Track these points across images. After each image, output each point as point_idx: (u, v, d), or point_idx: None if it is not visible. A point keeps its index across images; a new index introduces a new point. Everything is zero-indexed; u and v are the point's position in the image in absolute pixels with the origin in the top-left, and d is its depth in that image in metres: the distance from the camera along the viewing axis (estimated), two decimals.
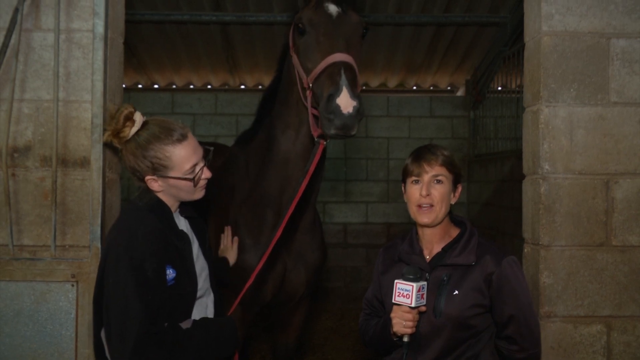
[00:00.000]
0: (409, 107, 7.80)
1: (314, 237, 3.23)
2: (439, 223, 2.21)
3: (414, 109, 7.79)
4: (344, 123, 2.30)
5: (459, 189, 2.23)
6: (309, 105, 2.58)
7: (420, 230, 2.26)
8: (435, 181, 2.18)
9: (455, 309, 2.09)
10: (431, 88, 8.42)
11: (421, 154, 2.22)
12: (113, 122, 2.12)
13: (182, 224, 2.24)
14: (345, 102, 2.29)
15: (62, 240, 2.41)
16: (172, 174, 2.08)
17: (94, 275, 2.32)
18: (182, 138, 2.09)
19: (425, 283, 2.08)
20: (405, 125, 7.78)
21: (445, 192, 2.18)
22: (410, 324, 2.08)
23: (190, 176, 2.09)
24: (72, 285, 2.35)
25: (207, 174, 2.16)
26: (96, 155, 2.35)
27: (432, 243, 2.23)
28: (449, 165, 2.20)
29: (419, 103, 7.82)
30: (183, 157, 2.07)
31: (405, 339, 2.12)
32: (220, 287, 2.45)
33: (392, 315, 2.11)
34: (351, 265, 7.52)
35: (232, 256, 2.96)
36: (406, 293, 2.03)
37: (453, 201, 2.21)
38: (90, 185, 2.37)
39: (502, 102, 6.87)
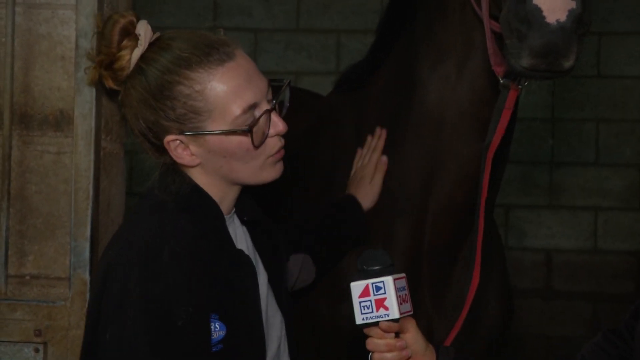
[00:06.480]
0: None
1: (488, 273, 3.24)
2: None
3: None
4: (548, 42, 2.29)
5: None
6: (484, 13, 2.60)
7: None
8: None
9: None
10: None
11: None
12: (102, 44, 2.24)
13: (240, 235, 2.34)
14: (551, 2, 2.29)
15: (18, 267, 2.53)
16: (210, 125, 2.16)
17: (76, 332, 2.44)
18: (227, 58, 2.17)
19: (403, 275, 2.15)
20: None
21: None
22: (394, 355, 2.15)
23: (246, 127, 2.16)
24: (37, 351, 2.46)
25: (279, 125, 2.23)
26: (84, 109, 2.44)
27: None
28: None
29: None
30: (228, 91, 2.15)
31: None
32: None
33: (369, 344, 2.17)
34: (559, 334, 7.44)
35: (366, 190, 3.12)
36: (380, 297, 2.10)
37: None
38: (72, 164, 2.48)
39: None
